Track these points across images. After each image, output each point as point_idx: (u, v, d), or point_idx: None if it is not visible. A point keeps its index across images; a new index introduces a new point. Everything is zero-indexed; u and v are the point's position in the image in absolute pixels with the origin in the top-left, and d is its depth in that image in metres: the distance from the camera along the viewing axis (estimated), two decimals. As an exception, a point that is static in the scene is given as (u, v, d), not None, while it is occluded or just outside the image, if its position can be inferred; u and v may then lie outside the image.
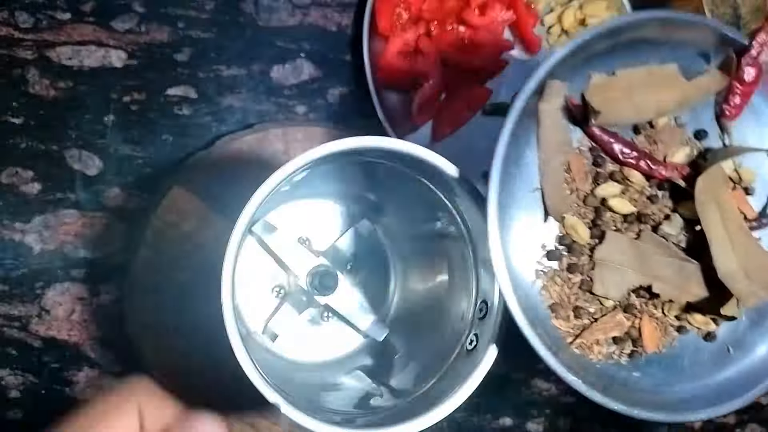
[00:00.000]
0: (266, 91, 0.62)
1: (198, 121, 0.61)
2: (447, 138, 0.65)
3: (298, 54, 0.63)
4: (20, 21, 0.57)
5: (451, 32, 0.63)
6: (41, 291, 0.57)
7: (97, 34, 0.59)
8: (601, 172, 0.45)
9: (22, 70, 0.57)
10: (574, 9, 0.68)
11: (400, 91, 0.64)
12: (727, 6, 0.64)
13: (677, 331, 0.46)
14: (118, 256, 0.58)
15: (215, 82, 0.61)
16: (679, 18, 0.44)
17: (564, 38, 0.68)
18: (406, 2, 0.61)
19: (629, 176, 0.45)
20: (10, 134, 0.57)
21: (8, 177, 0.57)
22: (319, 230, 0.52)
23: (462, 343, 0.45)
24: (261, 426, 0.58)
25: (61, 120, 0.58)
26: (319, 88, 0.64)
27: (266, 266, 0.50)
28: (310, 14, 0.64)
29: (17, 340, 0.56)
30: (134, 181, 0.59)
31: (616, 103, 0.44)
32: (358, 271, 0.53)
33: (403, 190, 0.49)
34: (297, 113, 0.63)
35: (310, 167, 0.41)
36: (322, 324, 0.52)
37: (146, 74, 0.60)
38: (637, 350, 0.45)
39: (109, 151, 0.59)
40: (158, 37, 0.60)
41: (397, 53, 0.61)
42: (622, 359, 0.45)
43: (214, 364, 0.56)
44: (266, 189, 0.38)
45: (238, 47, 0.62)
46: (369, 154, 0.43)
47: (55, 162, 0.58)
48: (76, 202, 0.58)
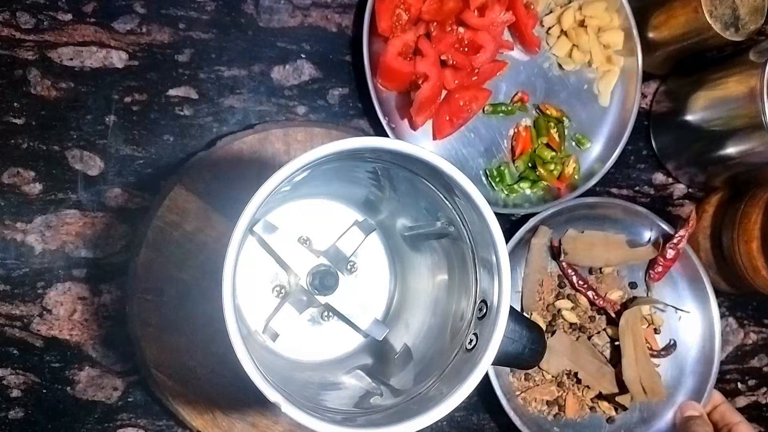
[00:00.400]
0: (267, 92, 0.62)
1: (199, 122, 0.61)
2: (447, 138, 0.66)
3: (298, 55, 0.63)
4: (22, 22, 0.58)
5: (451, 33, 0.63)
6: (43, 291, 0.57)
7: (98, 35, 0.59)
8: (561, 292, 0.68)
9: (24, 70, 0.57)
10: (574, 10, 0.68)
11: (400, 92, 0.64)
12: (726, 7, 0.64)
13: (590, 409, 0.67)
14: (120, 256, 0.58)
15: (216, 82, 0.61)
16: (632, 209, 0.68)
17: (563, 39, 0.69)
18: (406, 3, 0.61)
19: (579, 300, 0.67)
20: (12, 134, 0.57)
21: (10, 177, 0.57)
22: (319, 230, 0.52)
23: (462, 343, 0.45)
24: (262, 425, 0.58)
25: (62, 120, 0.58)
26: (319, 89, 0.64)
27: (267, 266, 0.51)
28: (310, 15, 0.64)
29: (19, 339, 0.56)
30: (135, 181, 0.59)
31: (580, 251, 0.67)
32: (358, 271, 0.54)
33: (403, 190, 0.49)
34: (297, 114, 0.63)
35: (311, 167, 0.41)
36: (322, 323, 0.53)
37: (147, 75, 0.60)
38: (560, 413, 0.66)
39: (110, 152, 0.59)
40: (159, 38, 0.60)
41: (397, 54, 0.61)
42: (549, 417, 0.66)
43: (215, 364, 0.56)
44: (267, 189, 0.39)
45: (239, 48, 0.62)
46: (369, 154, 0.43)
47: (57, 162, 0.58)
48: (78, 202, 0.58)
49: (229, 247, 0.38)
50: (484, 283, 0.45)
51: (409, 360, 0.50)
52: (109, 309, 0.58)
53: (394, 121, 0.64)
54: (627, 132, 0.68)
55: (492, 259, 0.43)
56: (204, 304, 0.57)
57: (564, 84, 0.70)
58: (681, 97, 0.70)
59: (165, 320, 0.56)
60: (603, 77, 0.70)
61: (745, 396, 0.76)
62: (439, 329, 0.50)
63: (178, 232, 0.57)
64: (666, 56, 0.70)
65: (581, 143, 0.69)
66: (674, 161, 0.73)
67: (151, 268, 0.56)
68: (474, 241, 0.45)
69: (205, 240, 0.57)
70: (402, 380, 0.48)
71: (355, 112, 0.65)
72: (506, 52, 0.68)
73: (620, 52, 0.69)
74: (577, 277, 0.67)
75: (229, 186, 0.58)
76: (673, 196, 0.74)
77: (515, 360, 0.47)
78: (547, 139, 0.68)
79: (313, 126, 0.61)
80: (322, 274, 0.48)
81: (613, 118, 0.70)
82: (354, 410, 0.46)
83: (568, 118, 0.69)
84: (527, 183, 0.67)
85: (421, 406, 0.41)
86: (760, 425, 0.75)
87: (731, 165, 0.69)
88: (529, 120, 0.68)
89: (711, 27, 0.63)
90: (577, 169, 0.68)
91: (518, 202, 0.67)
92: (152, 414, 0.59)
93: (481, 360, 0.41)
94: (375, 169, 0.47)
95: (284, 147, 0.60)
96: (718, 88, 0.67)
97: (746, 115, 0.63)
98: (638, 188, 0.73)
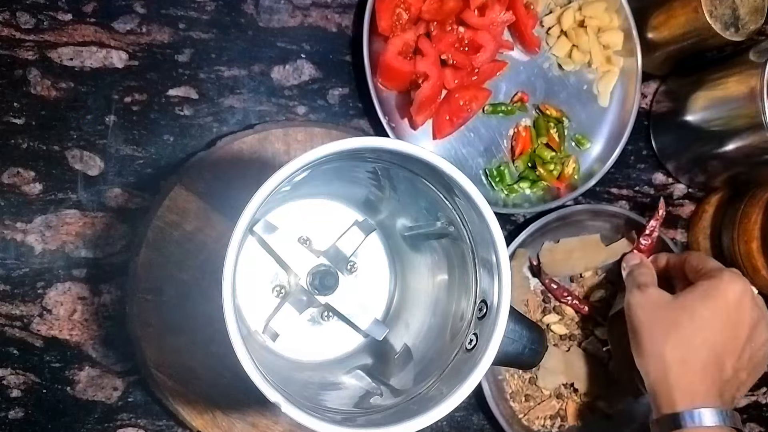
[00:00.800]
0: (267, 92, 0.62)
1: (199, 122, 0.61)
2: (447, 138, 0.66)
3: (298, 55, 0.63)
4: (22, 22, 0.58)
5: (451, 33, 0.63)
6: (43, 291, 0.57)
7: (98, 35, 0.59)
8: (547, 307, 0.69)
9: (24, 70, 0.57)
10: (573, 10, 0.68)
11: (400, 91, 0.64)
12: (726, 7, 0.64)
13: (591, 411, 0.68)
14: (120, 256, 0.58)
15: (216, 82, 0.61)
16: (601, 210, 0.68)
17: (563, 39, 0.69)
18: (406, 3, 0.61)
19: (565, 310, 0.69)
20: (12, 135, 0.57)
21: (10, 177, 0.57)
22: (319, 230, 0.52)
23: (462, 343, 0.45)
24: (262, 425, 0.58)
25: (62, 120, 0.58)
26: (319, 89, 0.64)
27: (267, 266, 0.51)
28: (310, 15, 0.64)
29: (19, 339, 0.56)
30: (135, 181, 0.59)
31: (559, 262, 0.68)
32: (358, 271, 0.54)
33: (403, 190, 0.49)
34: (297, 114, 0.63)
35: (311, 167, 0.41)
36: (322, 323, 0.53)
37: (147, 75, 0.60)
38: (563, 424, 0.68)
39: (110, 152, 0.59)
40: (159, 38, 0.60)
41: (397, 53, 0.61)
42: (554, 430, 0.68)
43: (215, 364, 0.56)
44: (267, 189, 0.39)
45: (239, 48, 0.62)
46: (369, 154, 0.43)
47: (57, 162, 0.58)
48: (78, 202, 0.58)
49: (229, 247, 0.38)
50: (484, 283, 0.45)
51: (409, 360, 0.50)
52: (109, 309, 0.58)
53: (394, 120, 0.64)
54: (627, 132, 0.68)
55: (492, 259, 0.43)
56: (204, 304, 0.57)
57: (564, 84, 0.70)
58: (681, 97, 0.70)
59: (165, 320, 0.56)
60: (603, 77, 0.70)
61: (745, 396, 0.76)
62: (439, 329, 0.50)
63: (178, 232, 0.57)
64: (666, 56, 0.70)
65: (581, 143, 0.69)
66: (674, 161, 0.73)
67: (151, 268, 0.56)
68: (474, 241, 0.45)
69: (205, 240, 0.57)
70: (402, 380, 0.48)
71: (355, 112, 0.65)
72: (506, 52, 0.68)
73: (620, 52, 0.69)
74: (559, 290, 0.68)
75: (229, 186, 0.58)
76: (673, 196, 0.74)
77: (515, 360, 0.47)
78: (547, 139, 0.68)
79: (313, 126, 0.61)
80: (322, 274, 0.48)
81: (612, 118, 0.70)
82: (354, 410, 0.46)
83: (567, 118, 0.69)
84: (527, 183, 0.67)
85: (421, 406, 0.41)
86: (760, 425, 0.75)
87: (731, 165, 0.69)
88: (528, 120, 0.68)
89: (711, 27, 0.63)
90: (576, 169, 0.68)
91: (518, 202, 0.67)
92: (152, 414, 0.59)
93: (481, 360, 0.41)
94: (375, 169, 0.47)
95: (284, 147, 0.60)
96: (718, 88, 0.67)
97: (746, 115, 0.63)
98: (638, 188, 0.73)
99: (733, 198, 0.70)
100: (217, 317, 0.38)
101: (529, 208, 0.66)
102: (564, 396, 0.68)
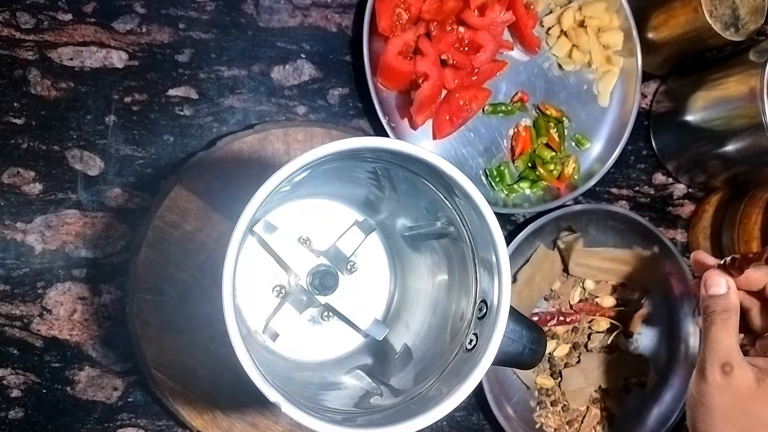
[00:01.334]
0: (267, 92, 0.62)
1: (199, 122, 0.61)
2: (447, 138, 0.66)
3: (298, 55, 0.63)
4: (22, 22, 0.58)
5: (451, 33, 0.63)
6: (42, 291, 0.57)
7: (98, 35, 0.59)
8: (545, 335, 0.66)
9: (24, 70, 0.57)
10: (573, 10, 0.68)
11: (400, 91, 0.64)
12: (726, 7, 0.64)
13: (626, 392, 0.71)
14: (120, 256, 0.58)
15: (216, 82, 0.61)
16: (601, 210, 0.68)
17: (563, 39, 0.69)
18: (406, 3, 0.61)
19: (556, 332, 0.69)
20: (12, 134, 0.57)
21: (10, 177, 0.57)
22: (319, 230, 0.52)
23: (462, 343, 0.45)
24: (262, 425, 0.58)
25: (62, 120, 0.58)
26: (319, 89, 0.64)
27: (267, 266, 0.51)
28: (310, 15, 0.64)
29: (19, 339, 0.56)
30: (135, 181, 0.59)
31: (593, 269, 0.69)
32: (358, 271, 0.54)
33: (403, 190, 0.49)
34: (297, 114, 0.63)
35: (311, 167, 0.41)
36: (322, 324, 0.53)
37: (147, 75, 0.60)
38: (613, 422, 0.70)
39: (110, 152, 0.59)
40: (159, 38, 0.60)
41: (397, 53, 0.61)
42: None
43: (215, 364, 0.56)
44: (267, 189, 0.39)
45: (239, 48, 0.62)
46: (369, 154, 0.43)
47: (57, 162, 0.58)
48: (78, 202, 0.58)
49: (229, 247, 0.38)
50: (484, 283, 0.45)
51: (409, 360, 0.50)
52: (109, 309, 0.58)
53: (394, 120, 0.64)
54: (627, 132, 0.68)
55: (492, 259, 0.43)
56: (204, 304, 0.57)
57: (564, 84, 0.70)
58: (681, 97, 0.70)
59: (165, 320, 0.56)
60: (603, 77, 0.70)
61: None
62: (439, 329, 0.50)
63: (178, 232, 0.57)
64: (666, 56, 0.70)
65: (581, 143, 0.69)
66: (674, 161, 0.73)
67: (151, 268, 0.56)
68: (474, 241, 0.45)
69: (205, 240, 0.57)
70: (402, 380, 0.48)
71: (355, 112, 0.65)
72: (506, 52, 0.68)
73: (620, 52, 0.69)
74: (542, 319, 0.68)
75: (229, 186, 0.58)
76: (673, 196, 0.74)
77: (515, 360, 0.47)
78: (547, 139, 0.68)
79: (313, 126, 0.61)
80: (322, 274, 0.48)
81: (612, 118, 0.70)
82: (354, 410, 0.46)
83: (567, 118, 0.69)
84: (527, 183, 0.67)
85: (421, 406, 0.41)
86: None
87: (731, 165, 0.69)
88: (528, 120, 0.68)
89: (711, 27, 0.63)
90: (576, 169, 0.68)
91: (518, 202, 0.67)
92: (152, 414, 0.59)
93: (481, 360, 0.41)
94: (375, 169, 0.47)
95: (284, 147, 0.60)
96: (718, 88, 0.67)
97: (746, 115, 0.63)
98: (638, 188, 0.73)
99: (733, 198, 0.70)
100: (217, 317, 0.38)
101: (529, 208, 0.66)
102: (598, 399, 0.69)
